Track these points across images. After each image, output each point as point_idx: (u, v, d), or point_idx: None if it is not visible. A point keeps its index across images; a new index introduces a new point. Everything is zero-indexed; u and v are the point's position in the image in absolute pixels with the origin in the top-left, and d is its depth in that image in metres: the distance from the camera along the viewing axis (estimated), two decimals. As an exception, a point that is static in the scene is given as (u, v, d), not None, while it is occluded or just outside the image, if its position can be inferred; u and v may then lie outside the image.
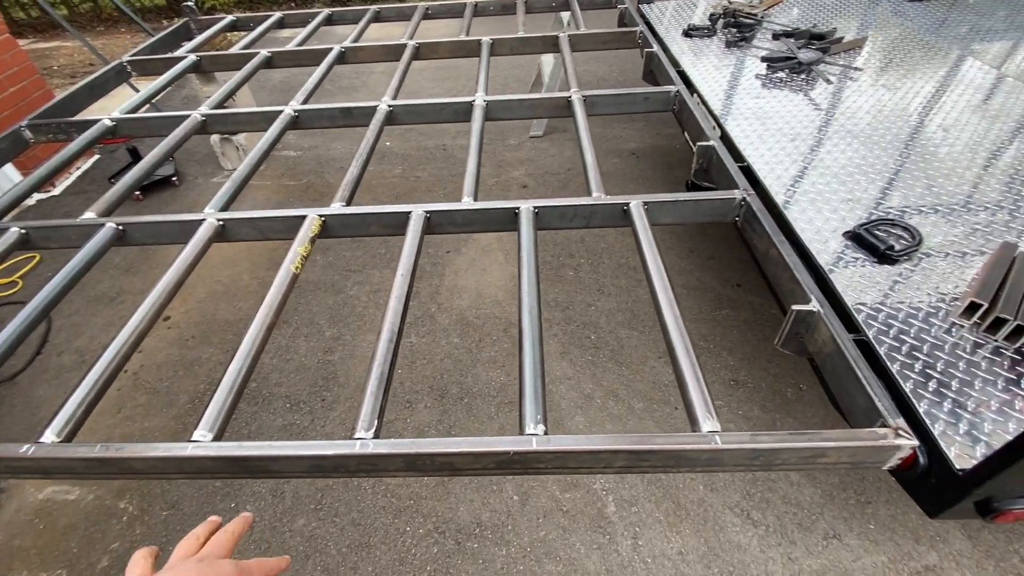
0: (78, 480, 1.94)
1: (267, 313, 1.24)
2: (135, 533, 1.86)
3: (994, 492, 0.95)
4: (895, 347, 1.16)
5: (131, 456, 0.96)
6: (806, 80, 2.26)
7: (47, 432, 1.01)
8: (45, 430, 1.01)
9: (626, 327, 2.47)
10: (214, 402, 1.03)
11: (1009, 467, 0.84)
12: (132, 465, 0.97)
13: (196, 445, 0.96)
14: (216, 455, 0.95)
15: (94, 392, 1.11)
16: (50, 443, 1.00)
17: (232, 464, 0.96)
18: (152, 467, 0.98)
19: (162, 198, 3.60)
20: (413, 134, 4.14)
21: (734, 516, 1.79)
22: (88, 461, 0.97)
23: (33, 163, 3.42)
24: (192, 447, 0.96)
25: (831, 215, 1.53)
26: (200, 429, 0.99)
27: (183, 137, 2.08)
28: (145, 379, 2.41)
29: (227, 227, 1.59)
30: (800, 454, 0.91)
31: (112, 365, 1.16)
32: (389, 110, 2.10)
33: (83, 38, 3.74)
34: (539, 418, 0.96)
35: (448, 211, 1.53)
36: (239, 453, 0.94)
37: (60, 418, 1.04)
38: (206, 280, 2.90)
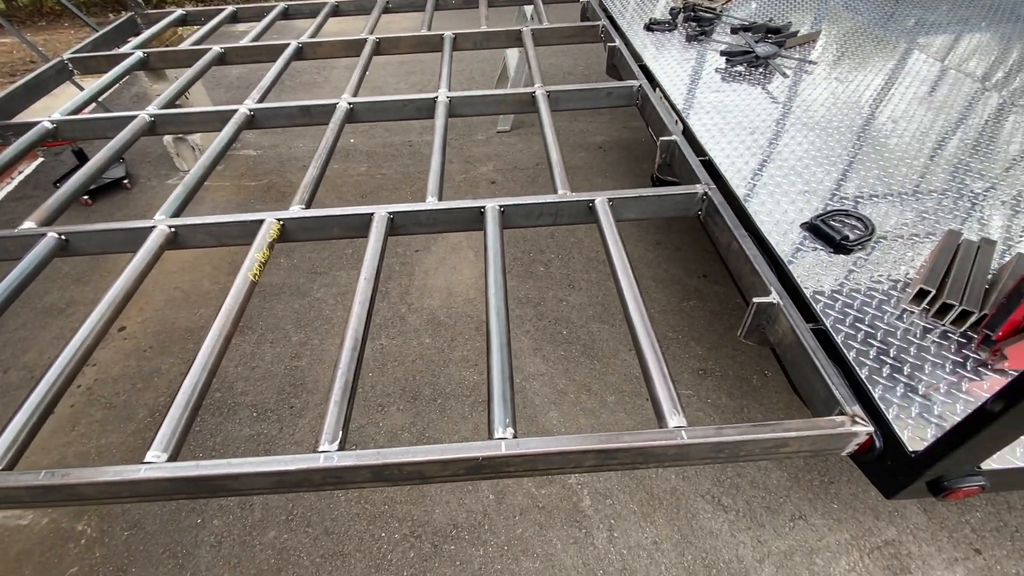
0: (17, 508, 1.84)
1: (224, 324, 1.20)
2: (95, 556, 1.78)
3: (944, 472, 0.99)
4: (851, 335, 1.19)
5: (79, 482, 0.91)
6: (763, 73, 2.30)
7: (-16, 459, 0.95)
8: (-19, 457, 0.95)
9: (597, 321, 2.48)
10: (168, 420, 0.98)
11: (956, 448, 0.88)
12: (81, 491, 0.92)
13: (149, 467, 0.92)
14: (172, 476, 0.91)
15: (38, 413, 1.04)
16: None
17: (190, 484, 0.92)
18: (103, 492, 0.94)
19: (113, 202, 3.43)
20: (378, 130, 4.06)
21: (706, 503, 1.83)
22: (33, 489, 0.92)
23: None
24: (145, 469, 0.91)
25: (789, 207, 1.56)
26: (153, 449, 0.94)
27: (130, 139, 1.98)
28: (100, 393, 2.30)
29: (179, 234, 1.52)
30: (763, 445, 0.93)
31: (58, 383, 1.10)
32: (349, 108, 2.05)
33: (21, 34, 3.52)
34: (508, 421, 0.96)
35: (412, 212, 1.50)
36: (197, 473, 0.91)
37: (0, 444, 0.97)
38: (164, 287, 2.78)
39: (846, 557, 1.70)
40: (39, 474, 0.92)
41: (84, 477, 0.91)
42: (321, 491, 1.06)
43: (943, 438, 0.91)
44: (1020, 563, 1.66)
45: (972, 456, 0.93)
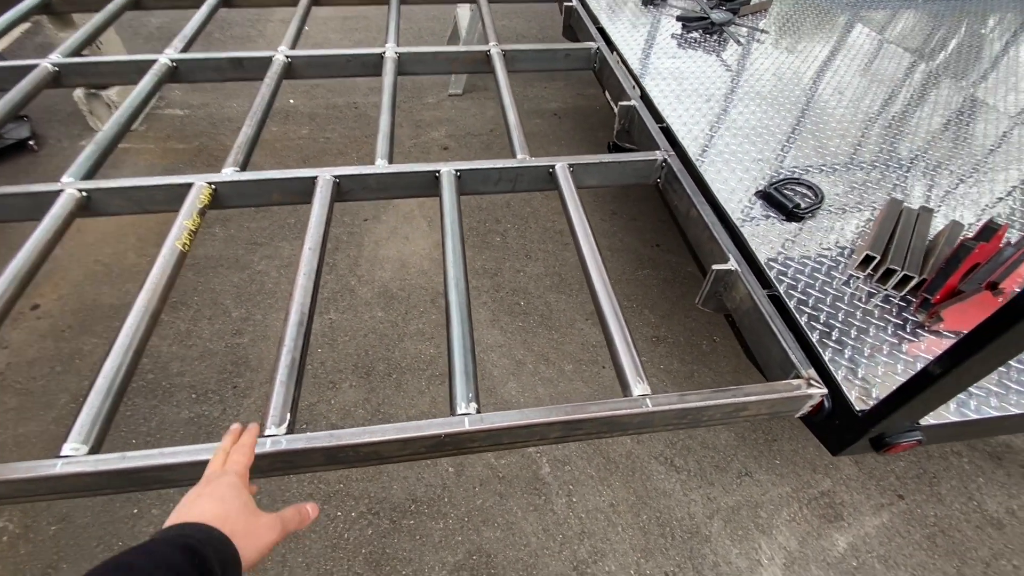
0: None
1: (150, 299, 1.08)
2: (19, 553, 1.63)
3: (885, 429, 1.05)
4: (803, 300, 1.22)
5: (-20, 481, 0.80)
6: (718, 41, 2.29)
7: None
8: None
9: (554, 291, 2.47)
10: (87, 408, 0.88)
11: (900, 408, 0.92)
12: (-16, 491, 0.81)
13: (68, 461, 0.82)
14: (94, 470, 0.81)
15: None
16: None
17: (117, 478, 0.83)
18: (16, 490, 0.83)
19: (19, 165, 3.05)
20: (320, 91, 3.79)
21: (659, 465, 1.89)
22: (-77, 492, 0.80)
23: None
24: (62, 464, 0.81)
25: (743, 175, 1.58)
26: (71, 441, 0.84)
27: (31, 91, 1.74)
28: (14, 379, 2.07)
29: (92, 199, 1.35)
30: (724, 410, 0.94)
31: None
32: (287, 62, 1.87)
33: None
34: (471, 396, 0.92)
35: (360, 175, 1.40)
36: (123, 466, 0.82)
37: None
38: (81, 260, 2.52)
39: (787, 508, 1.81)
40: (-69, 474, 0.80)
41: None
42: (270, 477, 0.99)
43: (888, 398, 0.95)
44: (937, 506, 1.83)
45: (912, 414, 0.98)
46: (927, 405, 0.95)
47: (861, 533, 1.76)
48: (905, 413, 0.95)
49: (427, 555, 1.66)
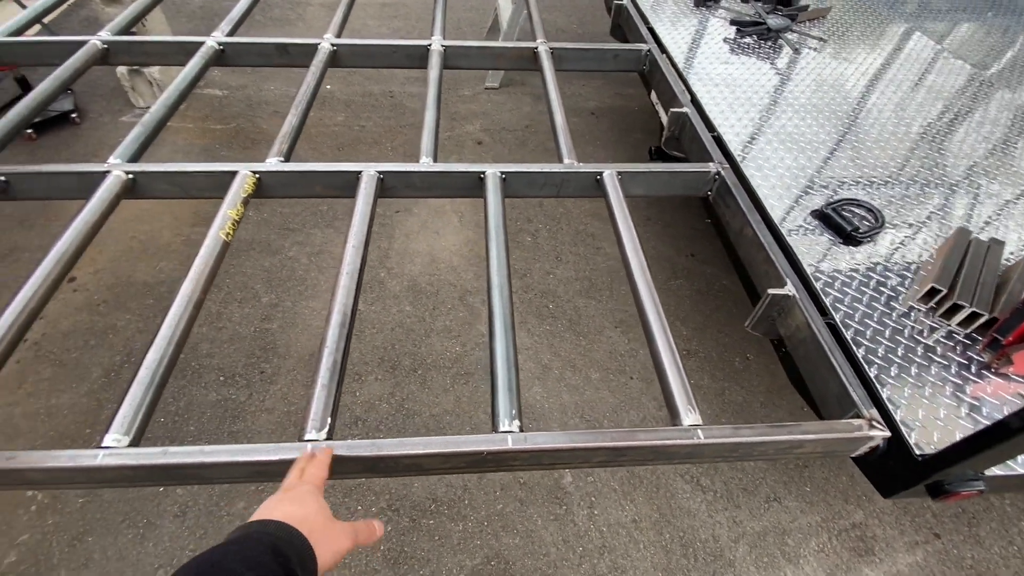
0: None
1: (193, 289, 1.07)
2: (47, 524, 1.66)
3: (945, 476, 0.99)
4: (860, 331, 1.16)
5: (27, 467, 0.80)
6: (773, 47, 2.21)
7: (-91, 439, 0.82)
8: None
9: (584, 296, 2.43)
10: (129, 399, 0.87)
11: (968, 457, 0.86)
12: (29, 477, 0.81)
13: (109, 452, 0.81)
14: (135, 464, 0.81)
15: (-27, 385, 0.91)
16: (-86, 452, 0.81)
17: (156, 472, 0.83)
18: (55, 478, 0.83)
19: (60, 138, 3.10)
20: (357, 78, 3.78)
21: (684, 483, 1.85)
22: (-34, 473, 0.80)
23: None
24: (104, 455, 0.81)
25: (798, 192, 1.51)
26: (113, 432, 0.83)
27: (81, 67, 1.74)
28: (49, 349, 2.12)
29: (138, 182, 1.35)
30: (778, 447, 0.90)
31: (5, 342, 0.97)
32: (333, 50, 1.85)
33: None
34: (514, 413, 0.89)
35: (404, 172, 1.37)
36: (164, 461, 0.81)
37: (-73, 420, 0.84)
38: (119, 236, 2.56)
39: (816, 538, 1.75)
40: (-26, 456, 0.80)
41: (33, 462, 0.80)
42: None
43: (955, 446, 0.89)
44: (975, 548, 1.75)
45: (980, 464, 0.92)
46: (998, 457, 0.89)
47: (893, 570, 1.70)
48: (972, 463, 0.90)
49: (445, 557, 1.65)
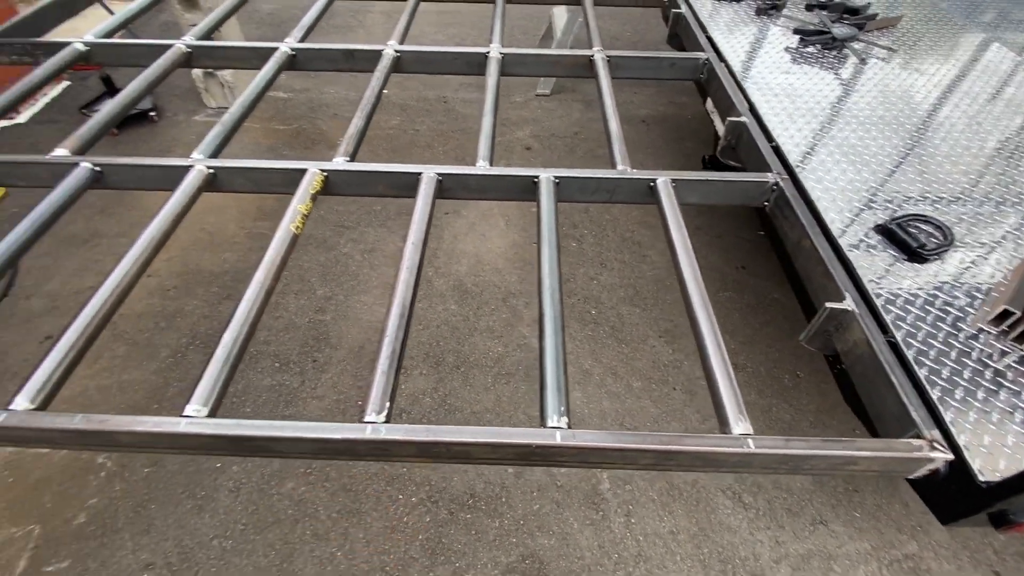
0: (52, 448, 1.84)
1: (265, 277, 1.14)
2: (114, 490, 1.80)
3: (1010, 505, 0.94)
4: (923, 351, 1.12)
5: (116, 429, 0.88)
6: (838, 57, 2.14)
7: (19, 398, 0.92)
8: (16, 395, 0.92)
9: (628, 304, 2.42)
10: (208, 374, 0.94)
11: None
12: (117, 438, 0.90)
13: (190, 421, 0.88)
14: (212, 433, 0.87)
15: (72, 354, 1.01)
16: (23, 410, 0.91)
17: (229, 442, 0.89)
18: (140, 441, 0.91)
19: (139, 134, 3.36)
20: (413, 83, 3.91)
21: (726, 498, 1.81)
22: (67, 432, 0.89)
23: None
24: (185, 423, 0.88)
25: (860, 206, 1.46)
26: (194, 403, 0.91)
27: (166, 69, 1.89)
28: (124, 329, 2.29)
29: (218, 176, 1.46)
30: (831, 461, 0.88)
31: (92, 325, 1.07)
32: (396, 56, 1.93)
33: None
34: (562, 410, 0.91)
35: (461, 175, 1.42)
36: (238, 432, 0.87)
37: (33, 383, 0.94)
38: (190, 228, 2.74)
39: (864, 567, 1.68)
40: (74, 417, 0.89)
41: (122, 425, 0.88)
42: (364, 460, 1.03)
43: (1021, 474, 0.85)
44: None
45: (1053, 495, 0.87)
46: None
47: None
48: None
49: (481, 551, 1.68)
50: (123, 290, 1.15)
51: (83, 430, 0.88)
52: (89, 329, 1.05)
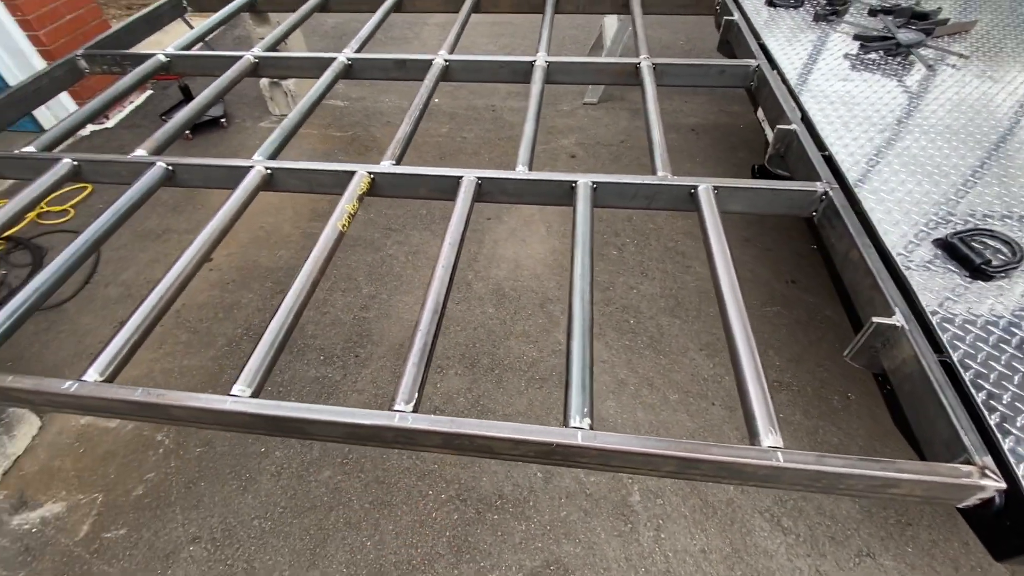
0: (115, 418, 2.01)
1: (312, 270, 1.21)
2: (170, 466, 1.93)
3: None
4: (982, 373, 1.04)
5: (172, 403, 0.96)
6: (902, 64, 2.04)
7: (90, 370, 1.01)
8: (88, 368, 1.02)
9: (668, 314, 2.37)
10: (254, 357, 1.01)
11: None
12: (172, 412, 0.97)
13: (235, 400, 0.95)
14: (253, 412, 0.94)
15: (138, 334, 1.11)
16: (92, 382, 1.00)
17: (268, 422, 0.95)
18: (191, 416, 0.98)
19: (210, 139, 3.62)
20: (463, 92, 4.01)
21: (763, 521, 1.73)
22: (129, 403, 0.97)
23: (87, 93, 3.45)
24: (231, 401, 0.94)
25: (920, 219, 1.38)
26: (239, 384, 0.97)
27: (235, 78, 2.04)
28: (186, 318, 2.46)
29: (275, 176, 1.56)
30: (869, 482, 0.83)
31: (157, 308, 1.16)
32: (445, 65, 2.00)
33: (142, -32, 3.71)
34: (586, 411, 0.91)
35: (500, 179, 1.45)
36: (276, 413, 0.93)
37: (104, 357, 1.04)
38: (249, 226, 2.92)
39: (916, 607, 1.56)
40: (136, 391, 0.97)
41: (177, 400, 0.95)
42: (390, 448, 1.07)
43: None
44: None
45: None
46: None
47: (1013, 661, 1.47)
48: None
49: (506, 553, 1.68)
50: (185, 278, 1.25)
51: (142, 402, 0.96)
52: (154, 312, 1.14)
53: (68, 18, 3.26)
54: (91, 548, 1.73)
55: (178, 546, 1.72)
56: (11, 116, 1.94)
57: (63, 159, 1.57)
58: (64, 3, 3.24)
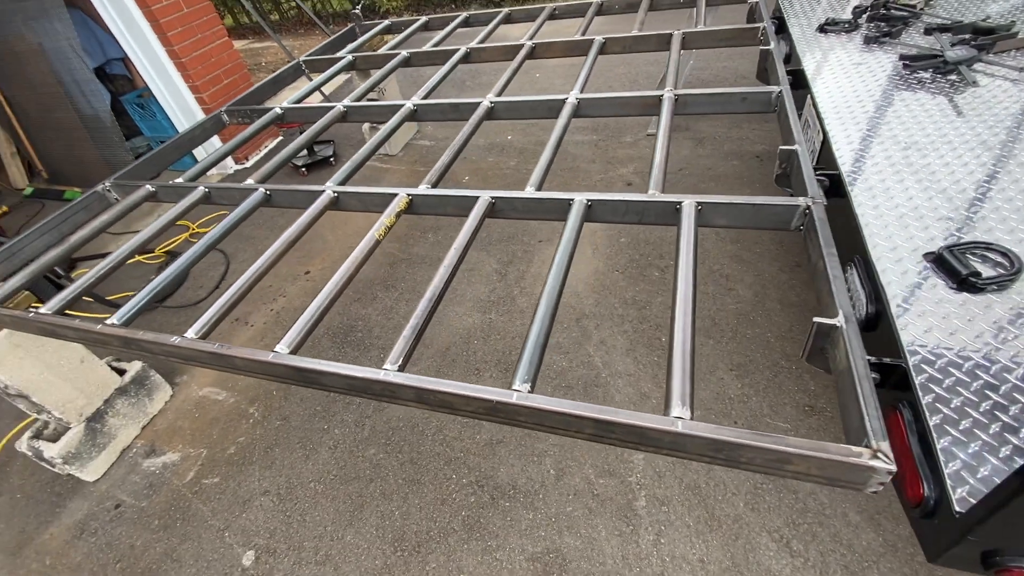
0: (202, 367, 2.51)
1: (349, 266, 1.55)
2: (255, 433, 2.37)
3: (1002, 544, 0.85)
4: (936, 379, 1.05)
5: (235, 355, 1.31)
6: (950, 82, 1.97)
7: (189, 331, 1.41)
8: (188, 329, 1.42)
9: (702, 334, 2.40)
10: (296, 325, 1.34)
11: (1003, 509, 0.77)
12: (234, 362, 1.33)
13: (275, 355, 1.28)
14: (286, 364, 1.25)
15: (226, 306, 1.50)
16: (191, 338, 1.40)
17: (296, 373, 1.26)
18: (245, 366, 1.33)
19: (319, 175, 4.31)
20: (535, 129, 4.36)
21: (771, 540, 1.71)
22: (209, 354, 1.35)
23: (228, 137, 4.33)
24: (271, 356, 1.27)
25: (919, 233, 1.38)
26: (282, 344, 1.30)
27: (327, 124, 2.54)
28: (284, 318, 2.98)
29: (340, 198, 1.95)
30: (764, 455, 0.92)
31: (240, 290, 1.56)
32: (491, 106, 2.32)
33: (280, 40, 4.61)
34: (527, 378, 1.10)
35: (510, 198, 1.70)
36: (300, 364, 1.24)
37: (199, 322, 1.44)
38: (341, 244, 3.45)
39: (937, 651, 1.44)
40: (214, 344, 1.34)
41: (236, 352, 1.30)
42: (380, 400, 1.32)
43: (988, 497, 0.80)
44: None
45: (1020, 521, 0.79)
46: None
47: None
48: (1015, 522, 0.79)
49: (512, 537, 1.84)
50: (264, 270, 1.64)
51: (216, 353, 1.33)
52: (237, 293, 1.54)
53: (225, 82, 4.17)
54: (193, 489, 2.18)
55: (253, 495, 2.12)
56: (175, 156, 2.61)
57: (199, 187, 2.12)
58: (223, 72, 4.16)
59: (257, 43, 8.88)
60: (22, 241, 2.09)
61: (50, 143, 4.48)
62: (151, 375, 2.51)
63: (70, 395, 2.17)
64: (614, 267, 2.85)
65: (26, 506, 2.25)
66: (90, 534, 2.10)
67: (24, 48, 3.94)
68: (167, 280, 1.70)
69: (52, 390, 2.10)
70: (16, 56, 4.01)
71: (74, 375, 2.17)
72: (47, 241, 2.14)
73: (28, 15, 3.85)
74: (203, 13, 3.97)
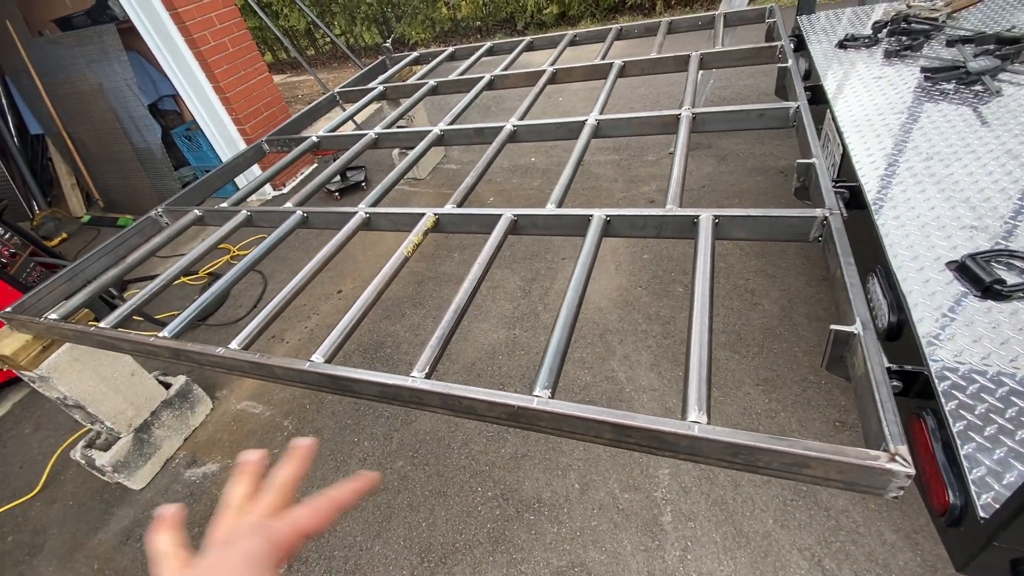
0: (243, 376, 2.62)
1: (379, 282, 1.63)
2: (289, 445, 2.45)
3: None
4: (959, 385, 1.05)
5: (273, 364, 1.40)
6: (974, 93, 1.96)
7: (232, 343, 1.51)
8: (232, 341, 1.52)
9: (727, 349, 2.39)
10: (331, 336, 1.42)
11: (1023, 515, 0.77)
12: (273, 371, 1.41)
13: (311, 364, 1.36)
14: (321, 372, 1.33)
15: (264, 321, 1.60)
16: (234, 348, 1.49)
17: (330, 380, 1.33)
18: (284, 374, 1.41)
19: (352, 198, 4.50)
20: (557, 151, 4.46)
21: (802, 559, 1.67)
22: (251, 363, 1.44)
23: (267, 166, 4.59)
24: (308, 364, 1.35)
25: (942, 242, 1.38)
26: (316, 354, 1.38)
27: (360, 150, 2.68)
28: (318, 335, 3.10)
29: (371, 219, 2.06)
30: (781, 459, 0.93)
31: (279, 305, 1.66)
32: (513, 129, 2.42)
33: (315, 74, 4.88)
34: (547, 385, 1.14)
35: (532, 215, 1.76)
36: (333, 373, 1.31)
37: (242, 335, 1.54)
38: (371, 264, 3.58)
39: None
40: (255, 354, 1.43)
41: (275, 362, 1.39)
42: (408, 407, 1.37)
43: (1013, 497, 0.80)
44: None
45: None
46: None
47: None
48: (1041, 532, 0.78)
49: (537, 551, 1.85)
50: (300, 287, 1.74)
51: (257, 362, 1.42)
52: (276, 308, 1.63)
53: (265, 114, 4.43)
54: (231, 499, 2.27)
55: (286, 505, 2.19)
56: (219, 183, 2.79)
57: (241, 211, 2.26)
58: (264, 104, 4.42)
59: (294, 77, 9.38)
60: (83, 263, 2.27)
61: (107, 174, 4.83)
62: (194, 389, 2.65)
63: (121, 406, 2.31)
64: (637, 283, 2.87)
65: (78, 512, 2.38)
66: (135, 540, 2.20)
67: (86, 88, 4.30)
68: (211, 298, 1.82)
69: (105, 401, 2.25)
70: (79, 96, 4.37)
71: (125, 387, 2.32)
72: (105, 263, 2.32)
73: (90, 58, 4.22)
74: (246, 52, 4.27)
